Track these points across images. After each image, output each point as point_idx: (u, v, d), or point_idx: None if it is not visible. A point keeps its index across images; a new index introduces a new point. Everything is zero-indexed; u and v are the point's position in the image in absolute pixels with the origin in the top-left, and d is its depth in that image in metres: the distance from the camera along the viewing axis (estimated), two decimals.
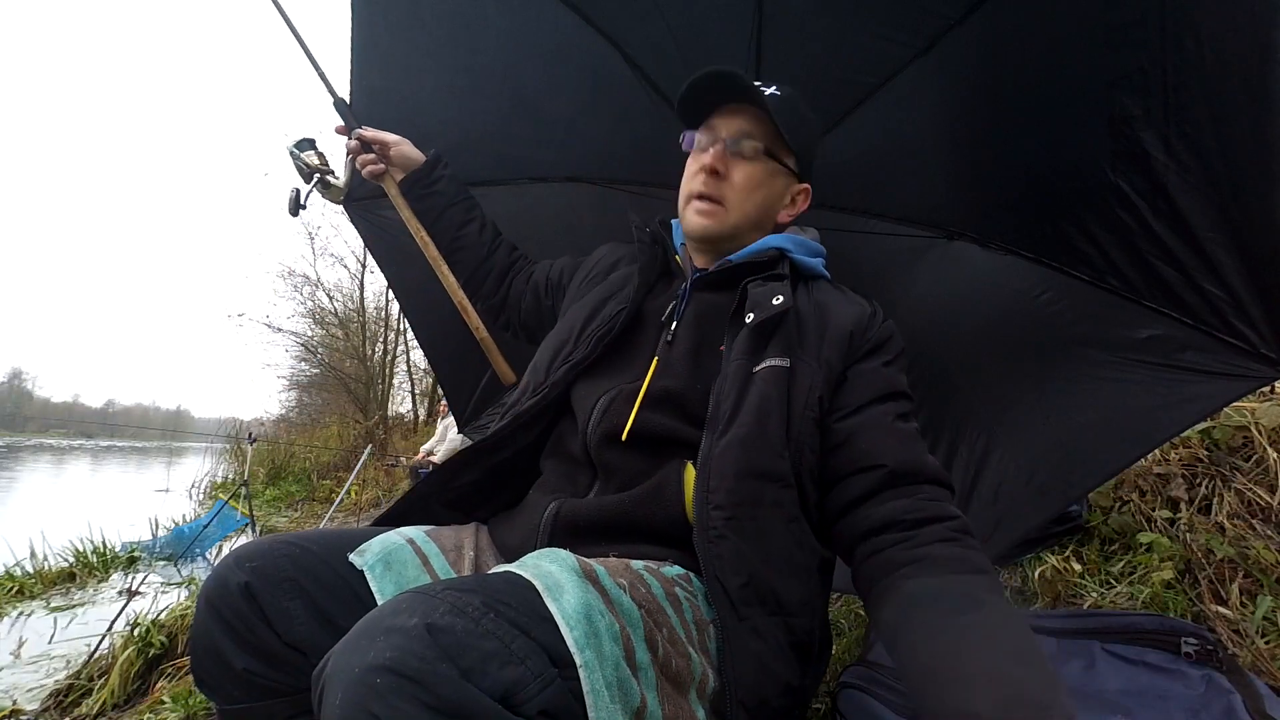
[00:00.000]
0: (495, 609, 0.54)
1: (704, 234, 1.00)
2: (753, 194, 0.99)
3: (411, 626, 0.49)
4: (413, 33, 1.36)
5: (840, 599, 1.98)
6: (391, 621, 0.51)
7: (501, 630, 0.52)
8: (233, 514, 5.26)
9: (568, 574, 0.62)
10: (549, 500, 0.85)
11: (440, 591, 0.54)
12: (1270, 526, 1.49)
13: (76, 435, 77.52)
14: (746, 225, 1.01)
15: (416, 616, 0.50)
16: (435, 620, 0.50)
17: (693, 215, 1.00)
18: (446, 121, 1.51)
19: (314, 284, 14.62)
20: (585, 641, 0.56)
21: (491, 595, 0.55)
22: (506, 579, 0.60)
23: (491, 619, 0.52)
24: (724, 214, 0.98)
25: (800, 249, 1.02)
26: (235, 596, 0.71)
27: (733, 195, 0.98)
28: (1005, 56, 1.13)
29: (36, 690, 2.26)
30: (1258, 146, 0.90)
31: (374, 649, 0.48)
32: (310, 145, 1.29)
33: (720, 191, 0.98)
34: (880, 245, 1.54)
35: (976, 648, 0.62)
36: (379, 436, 11.35)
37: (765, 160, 0.99)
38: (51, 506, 8.39)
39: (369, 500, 7.32)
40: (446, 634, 0.49)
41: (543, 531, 0.82)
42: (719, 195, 0.98)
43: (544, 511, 0.84)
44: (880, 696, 1.10)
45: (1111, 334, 1.23)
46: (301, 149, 1.27)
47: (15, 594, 3.69)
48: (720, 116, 1.00)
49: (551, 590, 0.59)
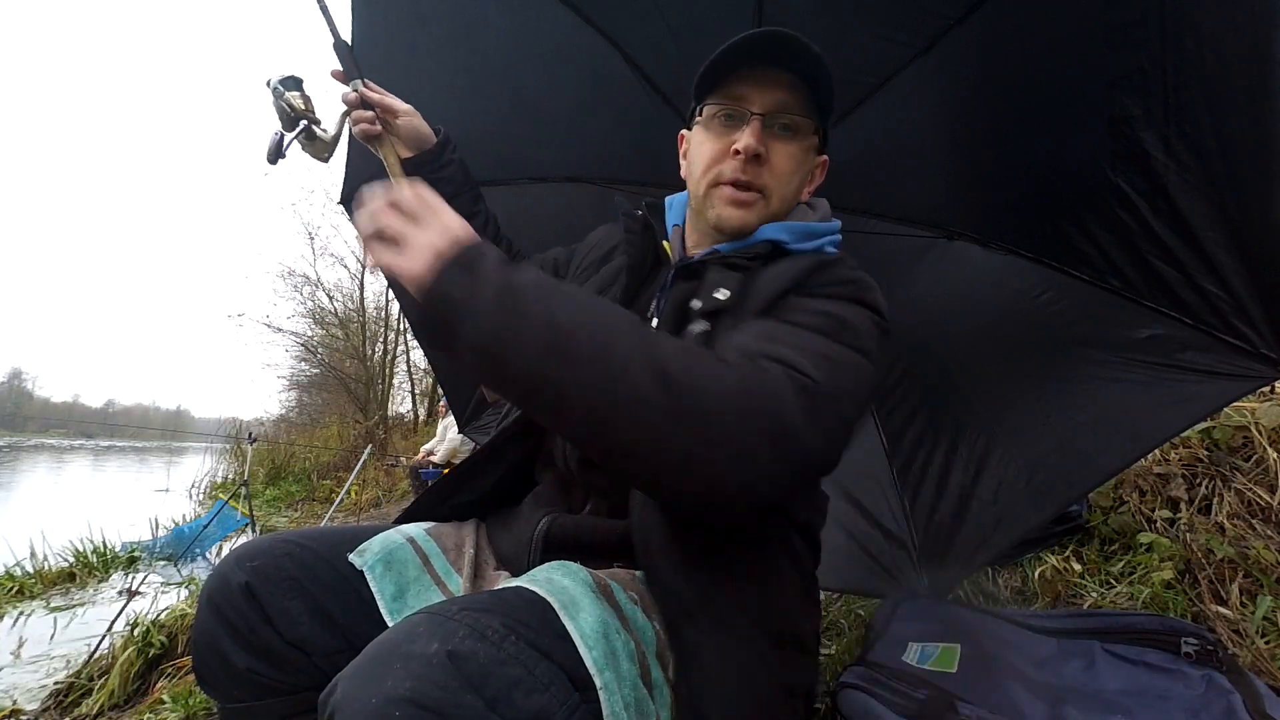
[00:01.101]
0: (515, 631, 0.51)
1: (742, 228, 0.86)
2: (793, 179, 0.87)
3: (432, 654, 0.47)
4: (413, 33, 1.36)
5: (840, 599, 1.98)
6: (409, 648, 0.48)
7: (524, 655, 0.50)
8: (233, 514, 5.26)
9: (582, 589, 0.60)
10: (541, 514, 0.82)
11: (457, 613, 0.51)
12: (1270, 526, 1.49)
13: (76, 435, 77.50)
14: (784, 214, 0.88)
15: (436, 641, 0.48)
16: (456, 646, 0.47)
17: (725, 207, 0.86)
18: (446, 121, 1.50)
19: (314, 284, 14.62)
20: (605, 662, 0.54)
21: (510, 616, 0.53)
22: (522, 596, 0.57)
23: (513, 642, 0.50)
24: (764, 205, 0.86)
25: (799, 237, 0.87)
26: (236, 596, 0.71)
27: (774, 182, 0.85)
28: (1005, 56, 1.13)
29: (36, 690, 2.26)
30: (1258, 147, 0.90)
31: (391, 677, 0.46)
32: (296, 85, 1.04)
33: (759, 178, 0.84)
34: (880, 245, 1.54)
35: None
36: (379, 436, 11.35)
37: (805, 138, 0.86)
38: (51, 506, 8.39)
39: (369, 500, 7.32)
40: (469, 661, 0.47)
41: (534, 547, 0.80)
42: (759, 183, 0.84)
43: (536, 526, 0.81)
44: (880, 696, 1.10)
45: (1111, 334, 1.23)
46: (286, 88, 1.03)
47: (15, 594, 3.69)
48: (749, 86, 0.84)
49: (568, 608, 0.57)
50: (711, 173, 0.86)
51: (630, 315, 0.62)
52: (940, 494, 1.62)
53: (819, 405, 0.61)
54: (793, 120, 0.84)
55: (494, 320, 0.56)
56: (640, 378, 0.55)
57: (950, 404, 1.62)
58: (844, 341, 0.70)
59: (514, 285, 0.58)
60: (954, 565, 1.59)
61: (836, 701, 1.15)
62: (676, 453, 0.56)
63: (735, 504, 0.59)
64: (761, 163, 0.84)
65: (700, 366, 0.59)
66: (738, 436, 0.56)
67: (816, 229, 0.88)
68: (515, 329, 0.56)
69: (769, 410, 0.58)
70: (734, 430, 0.56)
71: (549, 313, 0.57)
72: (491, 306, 0.57)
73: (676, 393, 0.55)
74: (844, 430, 0.67)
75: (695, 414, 0.56)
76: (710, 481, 0.57)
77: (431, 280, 0.59)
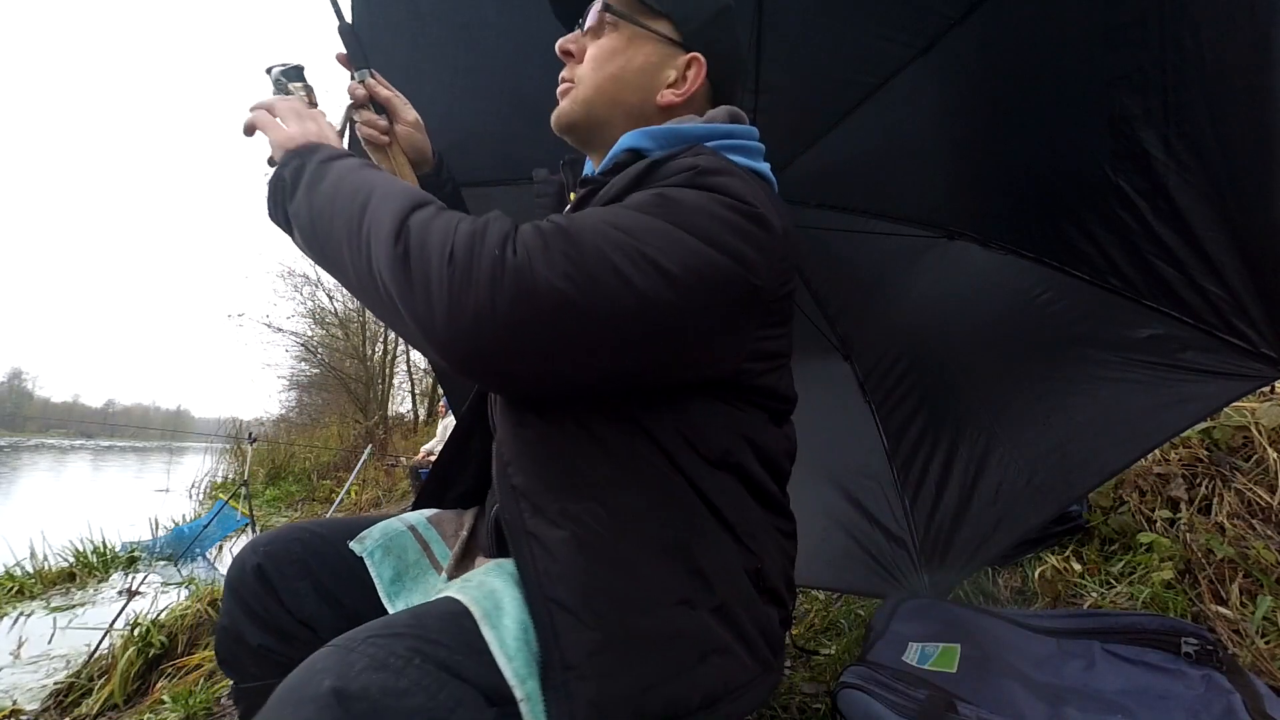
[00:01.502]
0: (422, 653, 0.50)
1: (560, 120, 0.87)
2: (604, 65, 0.84)
3: (321, 694, 0.46)
4: (413, 33, 1.36)
5: (840, 599, 1.98)
6: (302, 691, 0.47)
7: (427, 680, 0.49)
8: (233, 514, 5.26)
9: (511, 587, 0.60)
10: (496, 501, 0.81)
11: (361, 642, 0.50)
12: (1270, 526, 1.49)
13: (77, 435, 77.50)
14: (607, 107, 0.84)
15: (329, 679, 0.47)
16: (347, 684, 0.46)
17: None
18: (447, 121, 1.51)
19: (314, 284, 14.62)
20: (526, 671, 0.53)
21: (421, 636, 0.52)
22: (443, 610, 0.57)
23: (416, 666, 0.49)
24: (575, 92, 0.86)
25: (663, 143, 0.77)
26: (250, 577, 0.78)
27: (581, 72, 0.86)
28: (1005, 56, 1.13)
29: (36, 690, 2.26)
30: (1258, 146, 0.90)
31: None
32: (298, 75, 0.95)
33: (572, 74, 0.87)
34: (880, 245, 1.54)
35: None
36: (379, 436, 11.35)
37: (620, 27, 0.84)
38: (52, 506, 8.38)
39: (369, 500, 7.32)
40: (359, 701, 0.45)
41: (490, 532, 0.80)
42: (571, 77, 0.87)
43: (491, 511, 0.81)
44: (880, 696, 1.10)
45: (1112, 334, 1.23)
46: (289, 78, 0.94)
47: (15, 594, 3.70)
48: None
49: (490, 615, 0.56)
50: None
51: (419, 192, 0.64)
52: (940, 494, 1.62)
53: (553, 243, 0.57)
54: (596, 14, 0.85)
55: (302, 193, 0.68)
56: (381, 226, 0.59)
57: (950, 404, 1.62)
58: (655, 214, 0.62)
59: (321, 172, 0.69)
60: (954, 565, 1.59)
61: (836, 701, 1.15)
62: (399, 291, 0.57)
63: (455, 339, 0.55)
64: (572, 60, 0.87)
65: (441, 218, 0.59)
66: (443, 271, 0.54)
67: (686, 131, 0.78)
68: (307, 198, 0.68)
69: (484, 244, 0.56)
70: (439, 263, 0.55)
71: (337, 184, 0.66)
72: (303, 189, 0.69)
73: (404, 237, 0.57)
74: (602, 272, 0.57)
75: (415, 249, 0.56)
76: (426, 315, 0.55)
77: (275, 160, 0.74)
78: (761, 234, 0.65)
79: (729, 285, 0.63)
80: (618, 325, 0.58)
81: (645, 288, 0.58)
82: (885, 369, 1.72)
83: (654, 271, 0.58)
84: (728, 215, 0.64)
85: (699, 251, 0.61)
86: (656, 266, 0.58)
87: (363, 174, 0.67)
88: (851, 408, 1.79)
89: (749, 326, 0.69)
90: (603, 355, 0.60)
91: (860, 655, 1.32)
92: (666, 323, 0.60)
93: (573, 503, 0.63)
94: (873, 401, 1.76)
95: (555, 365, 0.59)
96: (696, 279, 0.60)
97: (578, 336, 0.58)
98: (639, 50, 0.83)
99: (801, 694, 1.41)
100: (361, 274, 0.61)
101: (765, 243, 0.66)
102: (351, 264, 0.62)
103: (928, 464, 1.66)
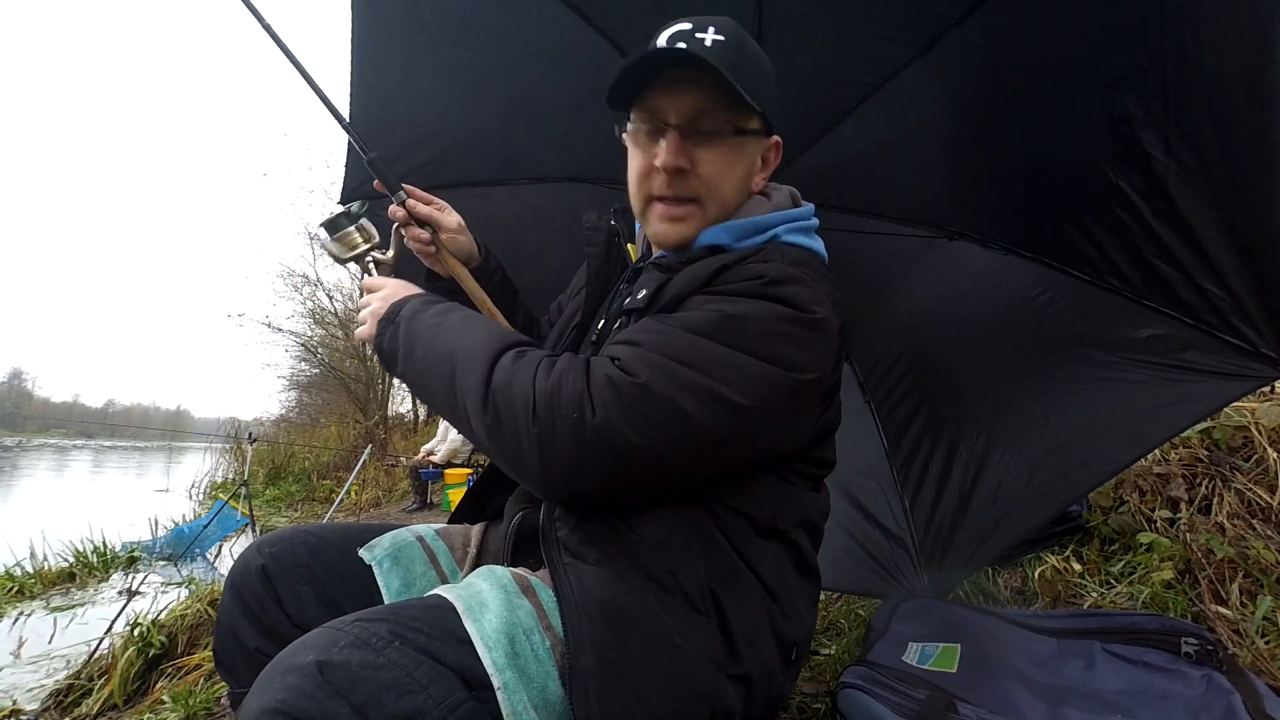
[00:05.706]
0: (402, 636, 0.55)
1: (681, 242, 0.83)
2: (728, 178, 0.82)
3: (305, 665, 0.51)
4: (413, 33, 1.36)
5: (840, 599, 1.98)
6: (291, 660, 0.53)
7: (405, 659, 0.54)
8: (232, 514, 5.26)
9: (497, 592, 0.64)
10: (517, 510, 0.87)
11: (348, 624, 0.56)
12: (1270, 526, 1.49)
13: (77, 435, 77.49)
14: (727, 215, 0.84)
15: (314, 653, 0.52)
16: (330, 657, 0.52)
17: (660, 224, 0.83)
18: (446, 121, 1.50)
19: (314, 284, 14.58)
20: (506, 663, 0.57)
21: (402, 623, 0.57)
22: (426, 603, 0.63)
23: (396, 648, 0.54)
24: (700, 214, 0.82)
25: (740, 236, 0.82)
26: (254, 578, 0.79)
27: (706, 189, 0.81)
28: (1005, 56, 1.13)
29: (36, 690, 2.26)
30: (1258, 147, 0.90)
31: (270, 690, 0.51)
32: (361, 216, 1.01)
33: (689, 189, 0.81)
34: (881, 245, 1.54)
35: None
36: (379, 436, 11.34)
37: (733, 136, 0.80)
38: (52, 506, 8.38)
39: (369, 500, 7.32)
40: (339, 671, 0.51)
41: (508, 540, 0.84)
42: (690, 193, 0.81)
43: (511, 521, 0.85)
44: (880, 696, 1.10)
45: (1112, 334, 1.23)
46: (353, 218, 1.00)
47: (15, 594, 3.70)
48: (662, 95, 0.79)
49: (473, 611, 0.60)
50: (644, 189, 0.84)
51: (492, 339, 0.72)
52: (940, 494, 1.62)
53: (626, 397, 0.64)
54: (713, 122, 0.79)
55: (402, 363, 0.79)
56: (472, 394, 0.68)
57: (950, 404, 1.62)
58: (720, 339, 0.68)
59: (410, 340, 0.78)
60: (954, 565, 1.59)
61: (836, 701, 1.15)
62: (499, 450, 0.67)
63: (551, 487, 0.67)
64: (688, 174, 0.80)
65: (518, 376, 0.67)
66: (530, 431, 0.63)
67: (762, 222, 0.83)
68: (408, 366, 0.79)
69: (561, 406, 0.63)
70: (525, 425, 0.64)
71: (426, 351, 0.76)
72: (401, 353, 0.79)
73: (492, 402, 0.66)
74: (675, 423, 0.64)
75: (505, 416, 0.65)
76: (522, 468, 0.66)
77: (373, 336, 0.83)
78: (821, 337, 0.73)
79: (792, 391, 0.71)
80: (692, 460, 0.68)
81: (715, 425, 0.66)
82: (885, 369, 1.71)
83: (722, 408, 0.66)
84: (791, 330, 0.71)
85: (763, 375, 0.68)
86: (724, 402, 0.66)
87: (440, 335, 0.76)
88: (851, 408, 1.79)
89: (813, 411, 0.78)
90: (679, 480, 0.70)
91: (860, 655, 1.32)
92: (738, 444, 0.70)
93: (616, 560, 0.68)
94: (872, 401, 1.76)
95: (637, 494, 0.70)
96: (761, 402, 0.68)
97: (658, 474, 0.68)
98: (745, 152, 0.84)
99: (801, 694, 1.41)
100: (467, 431, 0.72)
101: (824, 342, 0.73)
102: (458, 423, 0.73)
103: (927, 464, 1.66)
